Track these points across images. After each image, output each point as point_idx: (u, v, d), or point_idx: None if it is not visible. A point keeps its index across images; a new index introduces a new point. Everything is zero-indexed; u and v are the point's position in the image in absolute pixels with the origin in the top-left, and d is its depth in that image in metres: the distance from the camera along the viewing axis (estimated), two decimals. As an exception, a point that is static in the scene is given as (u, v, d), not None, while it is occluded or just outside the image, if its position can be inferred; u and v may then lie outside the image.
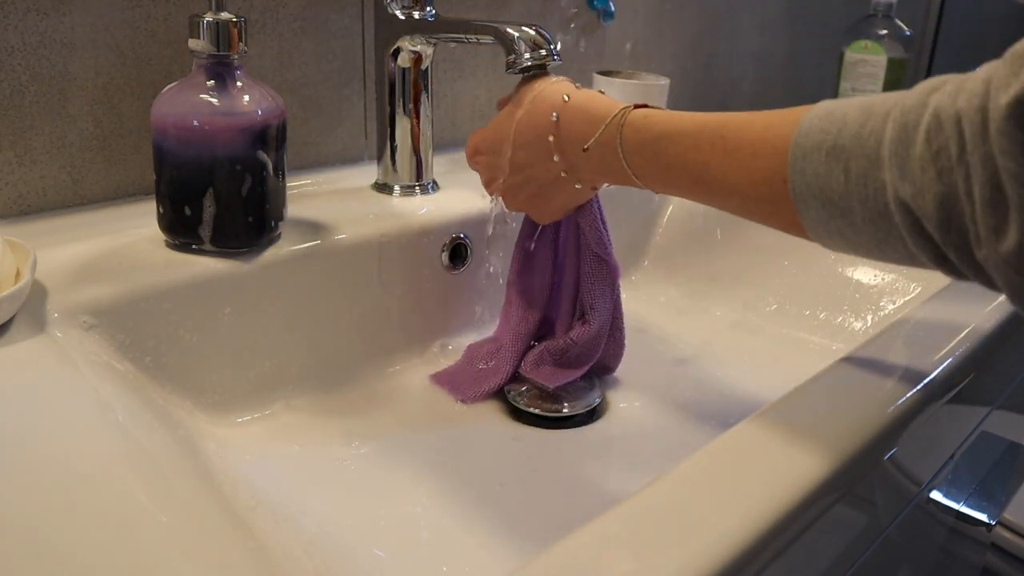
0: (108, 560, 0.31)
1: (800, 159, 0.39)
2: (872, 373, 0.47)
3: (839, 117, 0.38)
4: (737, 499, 0.36)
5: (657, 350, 0.72)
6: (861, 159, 0.37)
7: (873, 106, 0.37)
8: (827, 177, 0.38)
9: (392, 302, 0.65)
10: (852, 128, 0.37)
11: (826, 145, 0.38)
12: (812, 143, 0.39)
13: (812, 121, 0.39)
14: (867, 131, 0.37)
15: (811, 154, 0.39)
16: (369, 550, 0.46)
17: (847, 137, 0.37)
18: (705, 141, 0.45)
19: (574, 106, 0.53)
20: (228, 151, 0.54)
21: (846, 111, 0.38)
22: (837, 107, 0.39)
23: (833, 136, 0.38)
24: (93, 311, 0.49)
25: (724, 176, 0.44)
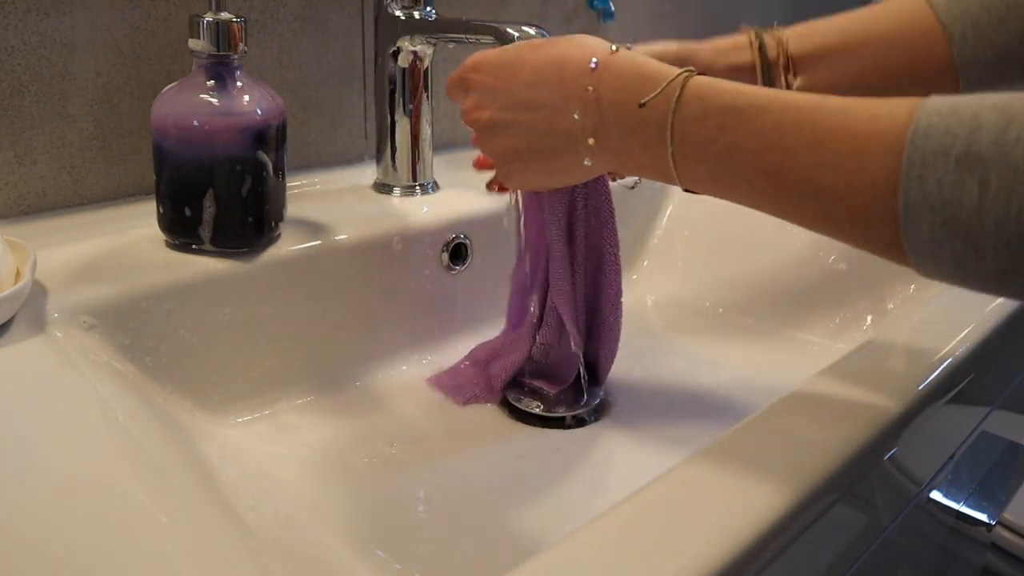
0: (108, 560, 0.31)
1: (918, 165, 0.32)
2: (872, 373, 0.47)
3: (969, 117, 0.32)
4: (737, 499, 0.36)
5: (657, 350, 0.72)
6: (1005, 170, 0.30)
7: (1011, 106, 0.31)
8: (955, 190, 0.31)
9: (392, 302, 0.65)
10: (990, 132, 0.31)
11: (956, 151, 0.31)
12: (936, 146, 0.32)
13: (932, 118, 0.32)
14: (1012, 137, 0.30)
15: (934, 160, 0.32)
16: (370, 550, 0.46)
17: (984, 143, 0.31)
18: (791, 124, 0.36)
19: (622, 58, 0.43)
20: (228, 151, 0.54)
21: (977, 110, 0.32)
22: (963, 104, 0.32)
23: (964, 140, 0.31)
24: (93, 311, 0.49)
25: (812, 170, 0.36)
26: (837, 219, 0.36)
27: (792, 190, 0.37)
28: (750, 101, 0.38)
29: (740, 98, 0.39)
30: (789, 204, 0.38)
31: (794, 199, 0.37)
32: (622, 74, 0.43)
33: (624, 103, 0.42)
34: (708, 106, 0.39)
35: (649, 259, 0.85)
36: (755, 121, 0.38)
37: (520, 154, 0.48)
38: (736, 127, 0.38)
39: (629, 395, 0.64)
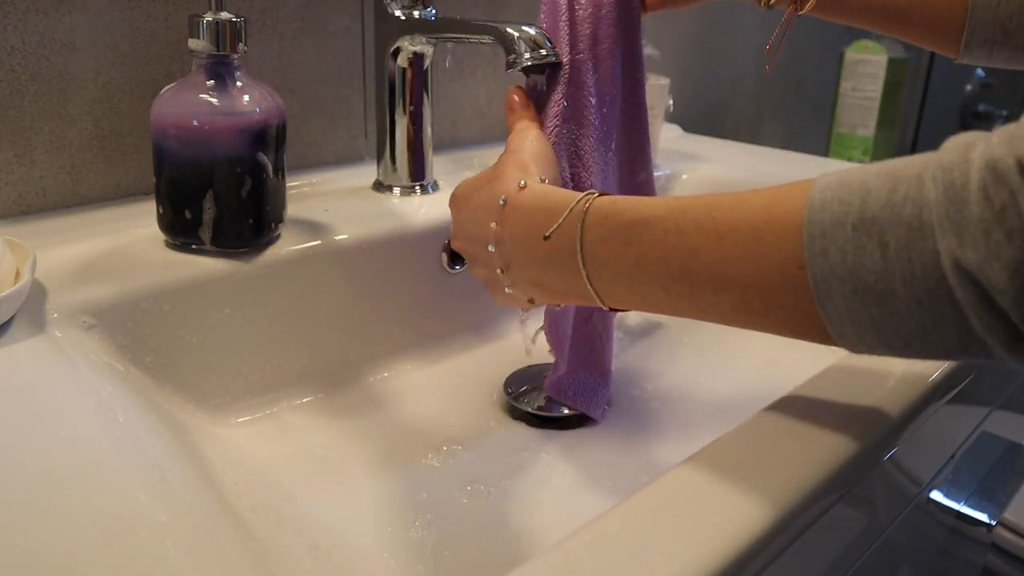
0: (108, 560, 0.31)
1: (819, 238, 0.33)
2: (872, 373, 0.47)
3: (858, 185, 0.33)
4: (737, 499, 0.36)
5: (658, 350, 0.72)
6: (900, 229, 0.31)
7: (896, 170, 0.32)
8: (857, 255, 0.32)
9: (392, 302, 0.65)
10: (880, 195, 0.32)
11: (851, 219, 0.32)
12: (832, 218, 0.32)
13: (825, 193, 0.33)
14: (900, 196, 0.31)
15: (832, 231, 0.32)
16: (370, 550, 0.46)
17: (876, 206, 0.31)
18: (690, 224, 0.37)
19: (529, 193, 0.45)
20: (228, 151, 0.54)
21: (864, 178, 0.33)
22: (849, 176, 0.33)
23: (857, 207, 0.32)
24: (93, 311, 0.49)
25: (719, 264, 0.36)
26: (754, 307, 0.37)
27: (704, 287, 0.37)
28: (651, 212, 0.39)
29: (642, 211, 0.40)
30: (705, 303, 0.38)
31: (709, 296, 0.38)
32: (527, 209, 0.44)
33: (530, 238, 0.44)
34: (612, 225, 0.40)
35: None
36: (657, 228, 0.39)
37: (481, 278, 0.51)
38: (640, 239, 0.39)
39: (629, 394, 0.64)
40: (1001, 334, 0.30)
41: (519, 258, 0.45)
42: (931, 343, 0.32)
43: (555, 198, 0.44)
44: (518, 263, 0.45)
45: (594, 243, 0.41)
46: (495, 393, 0.63)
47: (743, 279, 0.36)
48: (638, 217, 0.39)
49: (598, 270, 0.41)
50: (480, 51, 0.87)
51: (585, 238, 0.41)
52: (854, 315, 0.33)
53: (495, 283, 0.48)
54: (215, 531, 0.34)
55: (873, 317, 0.32)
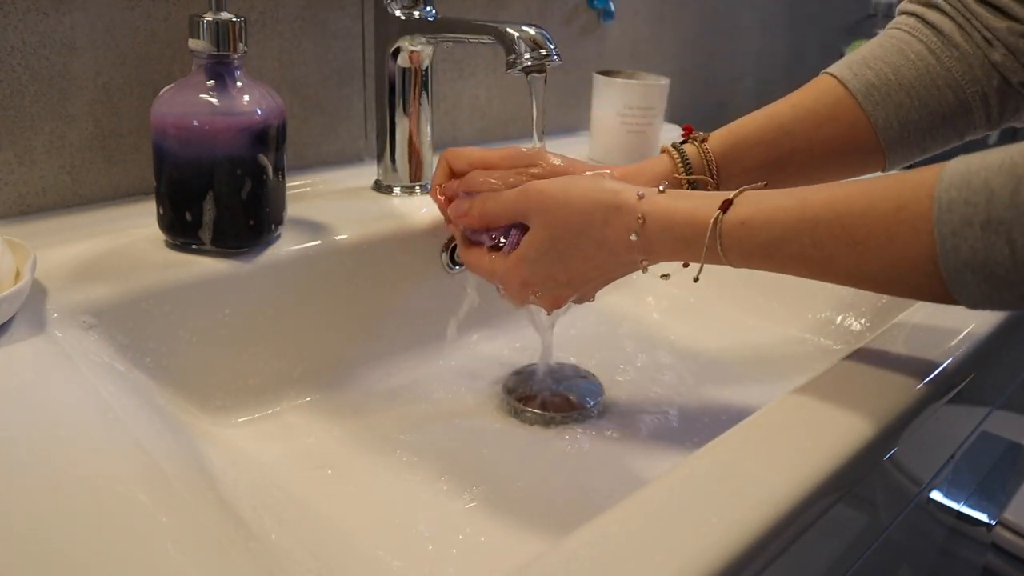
0: (108, 560, 0.31)
1: (950, 238, 0.37)
2: (872, 373, 0.47)
3: (981, 184, 0.36)
4: (737, 499, 0.36)
5: (657, 350, 0.72)
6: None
7: (1016, 167, 0.35)
8: (988, 252, 0.36)
9: (392, 302, 0.65)
10: (1003, 196, 0.35)
11: (978, 220, 0.36)
12: (960, 219, 0.36)
13: (951, 193, 0.37)
14: (1023, 197, 0.35)
15: (962, 231, 0.36)
16: (371, 550, 0.46)
17: (1001, 207, 0.35)
18: (824, 235, 0.41)
19: (653, 222, 0.49)
20: (228, 151, 0.54)
21: (987, 177, 0.36)
22: (972, 173, 0.37)
23: (984, 208, 0.36)
24: (93, 311, 0.49)
25: (857, 267, 0.41)
26: (891, 290, 0.41)
27: (844, 280, 0.43)
28: (784, 230, 0.43)
29: (774, 230, 0.44)
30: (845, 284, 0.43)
31: (848, 283, 0.43)
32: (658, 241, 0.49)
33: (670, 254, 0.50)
34: (749, 247, 0.45)
35: (649, 259, 0.85)
36: (794, 244, 0.43)
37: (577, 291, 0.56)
38: (779, 253, 0.44)
39: (629, 394, 0.64)
40: None
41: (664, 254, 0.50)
42: None
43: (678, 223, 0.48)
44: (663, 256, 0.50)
45: (735, 259, 0.46)
46: (495, 393, 0.63)
47: (881, 277, 0.41)
48: (772, 237, 0.44)
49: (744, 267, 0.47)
50: (480, 51, 0.87)
51: (727, 255, 0.46)
52: (987, 298, 0.38)
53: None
54: (215, 531, 0.34)
55: (1004, 300, 0.37)
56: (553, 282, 0.54)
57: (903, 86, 0.55)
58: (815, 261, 0.43)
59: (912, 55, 0.56)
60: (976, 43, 0.54)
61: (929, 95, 0.55)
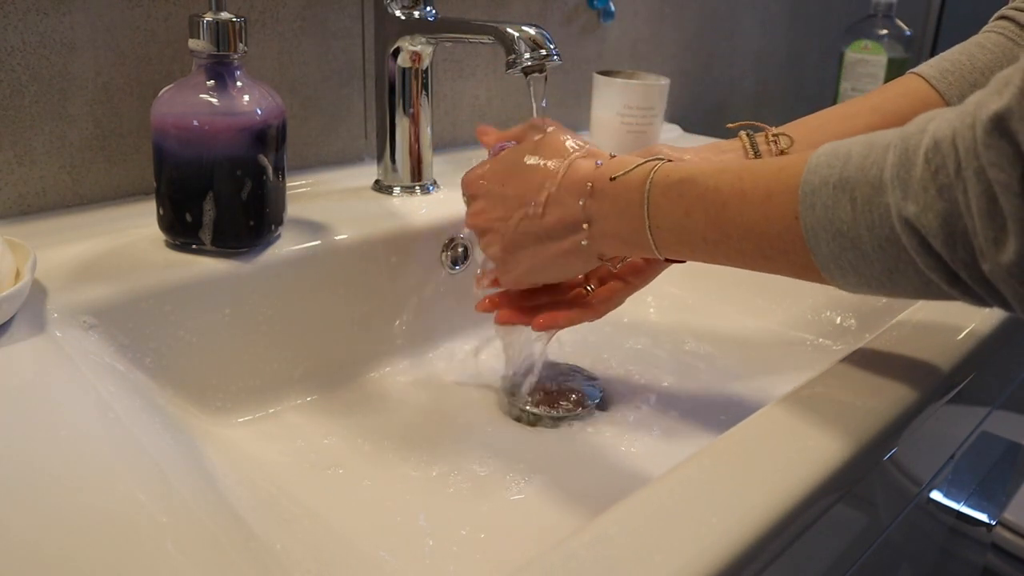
0: (108, 560, 0.31)
1: (810, 195, 0.40)
2: (872, 373, 0.47)
3: (844, 152, 0.40)
4: (737, 499, 0.36)
5: (657, 349, 0.72)
6: (865, 187, 0.38)
7: (875, 139, 0.39)
8: (835, 209, 0.39)
9: (392, 302, 0.65)
10: (856, 160, 0.39)
11: (832, 179, 0.39)
12: (820, 178, 0.40)
13: (819, 158, 0.40)
14: (870, 161, 0.38)
15: (820, 189, 0.40)
16: (371, 550, 0.46)
17: (852, 169, 0.38)
18: (725, 183, 0.45)
19: (616, 159, 0.53)
20: (228, 151, 0.54)
21: (850, 146, 0.40)
22: (842, 144, 0.40)
23: (839, 169, 0.39)
24: (93, 311, 0.49)
25: (740, 216, 0.44)
26: (768, 253, 0.44)
27: (731, 235, 0.45)
28: (698, 170, 0.47)
29: (692, 171, 0.47)
30: (733, 249, 0.45)
31: (735, 243, 0.45)
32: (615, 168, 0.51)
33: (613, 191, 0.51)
34: (671, 180, 0.48)
35: (649, 259, 0.85)
36: (700, 185, 0.46)
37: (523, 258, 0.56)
38: (689, 192, 0.47)
39: (628, 394, 0.64)
40: (941, 272, 0.36)
41: (605, 211, 0.51)
42: (898, 283, 0.39)
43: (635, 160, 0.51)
44: (603, 215, 0.51)
45: (656, 196, 0.48)
46: (495, 393, 0.63)
47: (758, 228, 0.43)
48: (688, 175, 0.47)
49: (657, 220, 0.48)
50: (480, 51, 0.87)
51: (652, 191, 0.48)
52: (836, 257, 0.40)
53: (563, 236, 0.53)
54: (215, 531, 0.34)
55: (850, 260, 0.39)
56: (499, 183, 0.56)
57: (977, 68, 0.58)
58: (712, 204, 0.45)
59: (989, 45, 0.58)
60: None
61: None
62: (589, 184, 0.52)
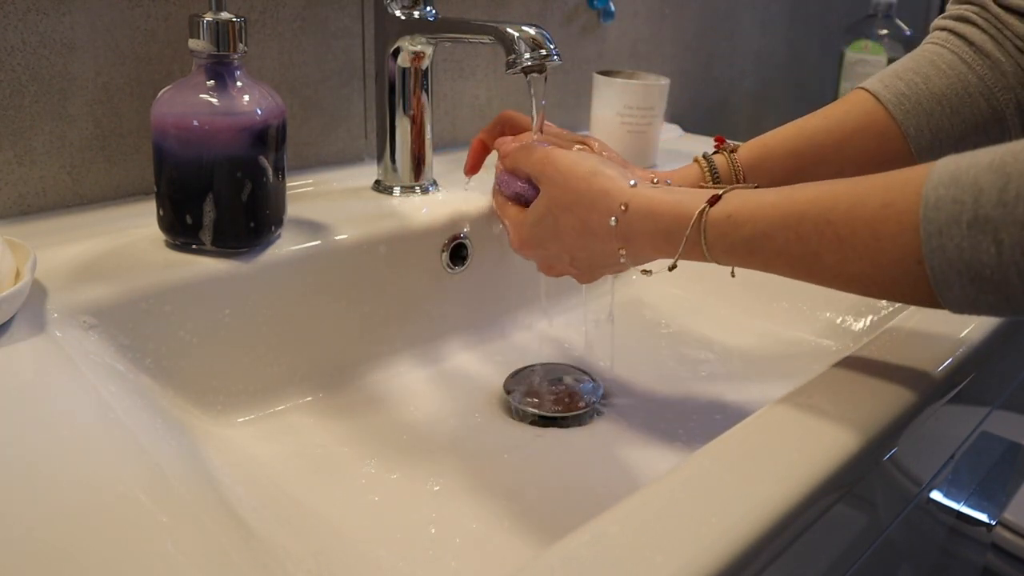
0: (108, 560, 0.31)
1: (936, 236, 0.36)
2: (872, 373, 0.47)
3: (970, 183, 0.35)
4: (737, 499, 0.36)
5: (657, 349, 0.72)
6: (1013, 227, 0.34)
7: (1006, 165, 0.34)
8: (974, 252, 0.35)
9: (392, 302, 0.65)
10: (991, 194, 0.34)
11: (965, 217, 0.35)
12: (947, 217, 0.35)
13: (939, 191, 0.36)
14: (1011, 196, 0.34)
15: (948, 229, 0.35)
16: (371, 550, 0.46)
17: (988, 205, 0.34)
18: (810, 230, 0.41)
19: (635, 212, 0.50)
20: (228, 151, 0.54)
21: (976, 175, 0.35)
22: (961, 170, 0.36)
23: (971, 206, 0.35)
24: (93, 311, 0.49)
25: (841, 265, 0.40)
26: (876, 293, 0.40)
27: (831, 282, 0.42)
28: (769, 224, 0.43)
29: (759, 224, 0.43)
30: (832, 286, 0.42)
31: (835, 285, 0.42)
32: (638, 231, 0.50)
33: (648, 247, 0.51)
34: (733, 241, 0.45)
35: (649, 259, 0.85)
36: (778, 239, 0.42)
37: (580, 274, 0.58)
38: (764, 250, 0.43)
39: (628, 394, 0.64)
40: None
41: (644, 245, 0.51)
42: None
43: (661, 214, 0.49)
44: (645, 257, 0.52)
45: (718, 255, 0.46)
46: (495, 393, 0.63)
47: (865, 276, 0.40)
48: (757, 231, 0.43)
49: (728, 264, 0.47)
50: (480, 51, 0.87)
51: (710, 251, 0.46)
52: (972, 299, 0.36)
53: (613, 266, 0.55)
54: (216, 531, 0.34)
55: (990, 302, 0.36)
56: (544, 250, 0.57)
57: (934, 95, 0.55)
58: (799, 257, 0.42)
59: (943, 65, 0.55)
60: (1008, 52, 0.54)
61: (961, 103, 0.55)
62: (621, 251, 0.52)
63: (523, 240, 0.59)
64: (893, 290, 0.39)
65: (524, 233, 0.58)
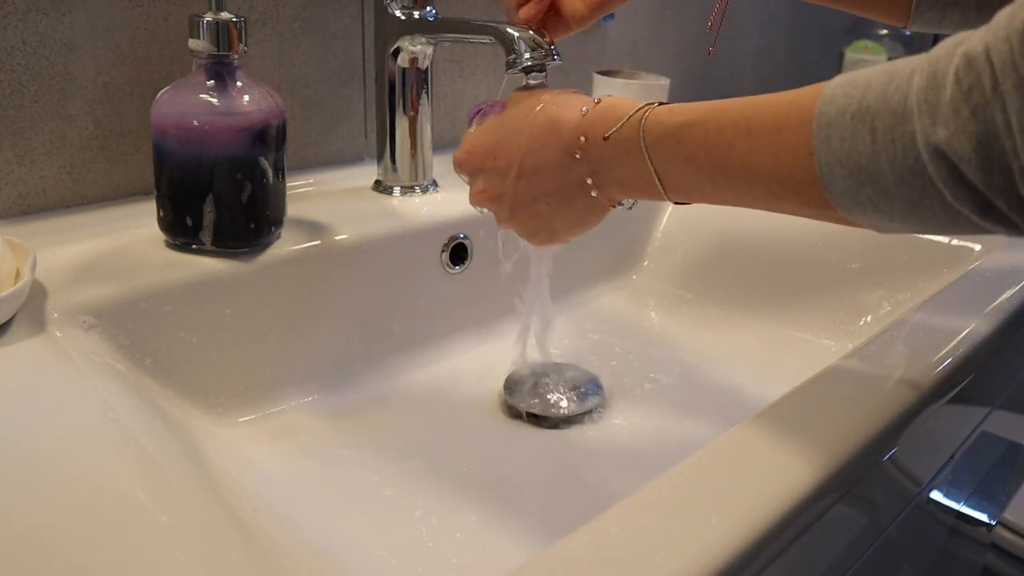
0: (108, 560, 0.31)
1: (825, 127, 0.37)
2: (872, 373, 0.47)
3: (863, 81, 0.37)
4: (737, 499, 0.36)
5: (657, 350, 0.72)
6: (887, 115, 0.35)
7: (896, 66, 0.36)
8: (853, 141, 0.36)
9: (392, 302, 0.65)
10: (877, 88, 0.36)
11: (851, 109, 0.36)
12: (836, 109, 0.37)
13: (835, 88, 0.37)
14: (892, 88, 0.35)
15: (836, 121, 0.37)
16: (372, 550, 0.46)
17: (872, 98, 0.36)
18: (728, 122, 0.43)
19: (603, 105, 0.50)
20: (228, 151, 0.54)
21: (869, 75, 0.37)
22: (860, 73, 0.38)
23: (857, 100, 0.36)
24: (93, 311, 0.49)
25: (749, 156, 0.41)
26: (779, 194, 0.41)
27: (739, 177, 0.43)
28: (697, 114, 0.45)
29: (689, 114, 0.45)
30: (742, 191, 0.43)
31: (743, 185, 0.43)
32: (601, 119, 0.49)
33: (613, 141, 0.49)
34: (666, 127, 0.46)
35: (649, 259, 0.85)
36: (701, 127, 0.44)
37: (539, 213, 0.53)
38: (690, 137, 0.45)
39: (628, 395, 0.64)
40: (973, 203, 0.34)
41: (606, 161, 0.49)
42: (922, 217, 0.36)
43: (625, 106, 0.49)
44: (605, 165, 0.49)
45: (655, 144, 0.46)
46: (495, 393, 0.63)
47: (767, 168, 0.41)
48: (686, 119, 0.45)
49: (662, 166, 0.47)
50: (480, 51, 0.87)
51: (647, 140, 0.46)
52: (853, 194, 0.37)
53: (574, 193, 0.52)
54: (216, 531, 0.34)
55: (869, 196, 0.37)
56: (491, 157, 0.53)
57: None
58: (717, 147, 0.43)
59: None
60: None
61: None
62: (582, 137, 0.50)
63: (470, 149, 0.55)
64: (789, 185, 0.40)
65: (472, 138, 0.55)
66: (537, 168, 0.52)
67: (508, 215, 0.54)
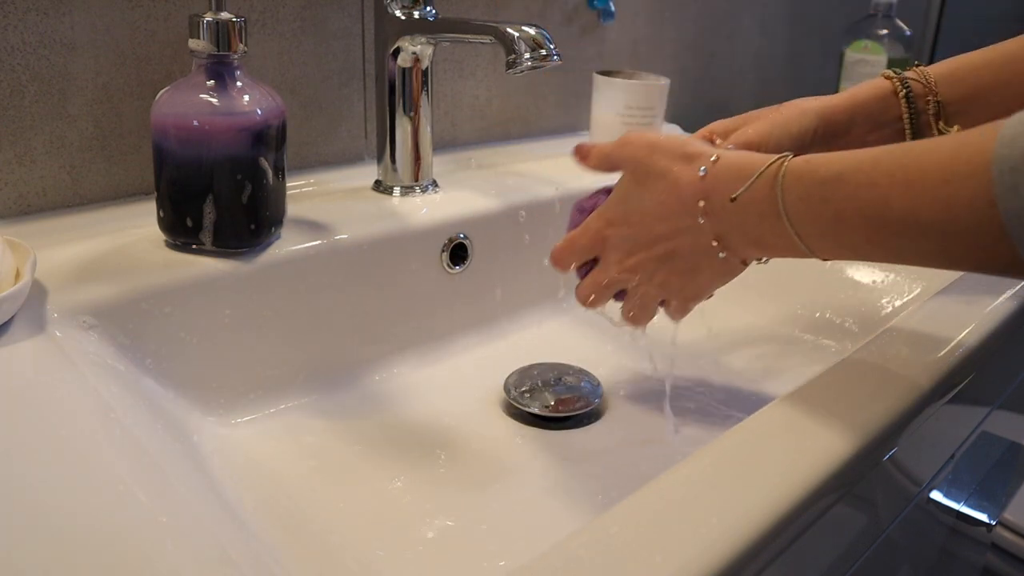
0: (108, 560, 0.31)
1: (1008, 174, 0.32)
2: (872, 373, 0.47)
3: None
4: (737, 499, 0.36)
5: (656, 350, 0.72)
6: None
7: None
8: None
9: (392, 302, 0.65)
10: None
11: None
12: (1021, 154, 0.32)
13: (1015, 128, 0.33)
14: None
15: (1022, 165, 0.32)
16: (372, 550, 0.46)
17: None
18: (882, 174, 0.38)
19: (723, 164, 0.46)
20: (228, 151, 0.54)
21: None
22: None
23: None
24: (93, 311, 0.49)
25: (911, 212, 0.37)
26: (952, 250, 0.36)
27: (903, 235, 0.38)
28: (843, 166, 0.40)
29: (834, 166, 0.41)
30: (908, 250, 0.39)
31: (908, 243, 0.38)
32: (723, 177, 0.46)
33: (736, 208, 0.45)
34: (808, 183, 0.42)
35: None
36: (850, 183, 0.39)
37: (672, 279, 0.51)
38: (836, 195, 0.40)
39: (629, 395, 0.64)
40: None
41: (735, 223, 0.46)
42: None
43: (750, 163, 0.45)
44: (734, 228, 0.46)
45: (793, 203, 0.42)
46: (495, 393, 0.63)
47: (936, 223, 0.36)
48: (831, 173, 0.40)
49: (804, 228, 0.42)
50: (480, 51, 0.87)
51: (786, 199, 0.42)
52: None
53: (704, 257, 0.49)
54: (216, 531, 0.34)
55: None
56: (626, 225, 0.51)
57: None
58: (869, 204, 0.39)
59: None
60: None
61: None
62: (701, 202, 0.46)
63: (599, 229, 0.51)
64: (965, 241, 0.35)
65: (601, 221, 0.51)
66: (664, 236, 0.49)
67: (646, 281, 0.52)
